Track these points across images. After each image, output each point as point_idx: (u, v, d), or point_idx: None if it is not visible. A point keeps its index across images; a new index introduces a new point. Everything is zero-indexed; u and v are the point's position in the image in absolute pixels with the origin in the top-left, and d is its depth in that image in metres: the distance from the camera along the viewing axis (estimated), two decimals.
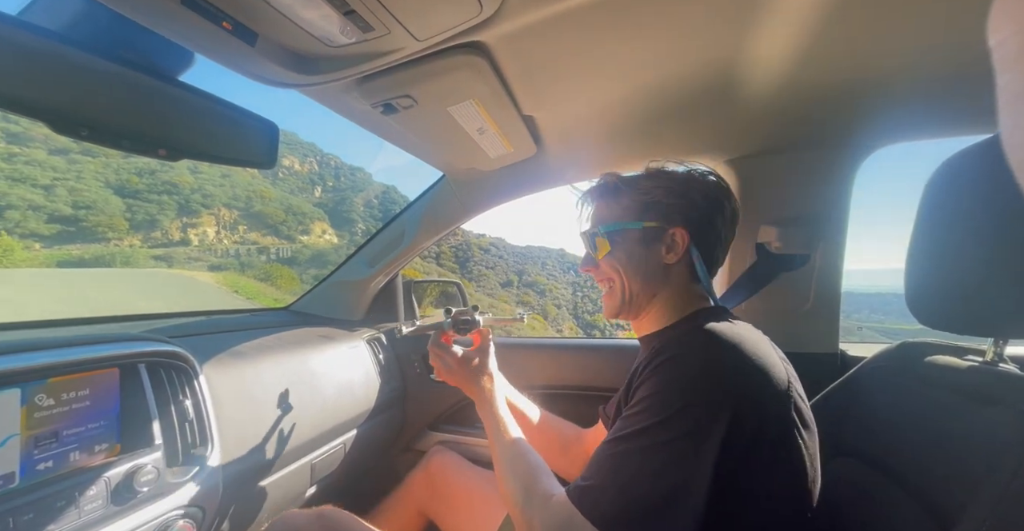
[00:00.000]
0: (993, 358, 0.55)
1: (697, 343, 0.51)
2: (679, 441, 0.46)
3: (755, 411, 0.47)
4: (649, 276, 0.65)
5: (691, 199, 0.64)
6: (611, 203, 0.69)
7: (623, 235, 0.66)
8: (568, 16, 0.55)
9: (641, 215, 0.65)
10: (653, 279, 0.65)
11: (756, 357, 0.49)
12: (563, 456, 0.87)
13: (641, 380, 0.54)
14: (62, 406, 0.57)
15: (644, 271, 0.65)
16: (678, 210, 0.64)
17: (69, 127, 0.40)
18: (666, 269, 0.65)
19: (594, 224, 0.70)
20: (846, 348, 1.01)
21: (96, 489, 0.58)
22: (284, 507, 0.94)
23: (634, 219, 0.65)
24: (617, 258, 0.66)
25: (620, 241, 0.66)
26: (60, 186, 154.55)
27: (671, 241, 0.64)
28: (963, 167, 0.52)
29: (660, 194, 0.64)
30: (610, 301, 0.69)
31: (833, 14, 0.56)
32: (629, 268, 0.65)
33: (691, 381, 0.48)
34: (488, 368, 0.81)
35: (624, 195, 0.67)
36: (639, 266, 0.65)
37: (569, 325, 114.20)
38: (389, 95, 0.67)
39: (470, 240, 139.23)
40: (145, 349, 0.67)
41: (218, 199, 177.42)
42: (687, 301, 0.66)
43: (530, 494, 0.58)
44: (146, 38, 0.45)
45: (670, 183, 0.65)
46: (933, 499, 0.48)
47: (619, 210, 0.67)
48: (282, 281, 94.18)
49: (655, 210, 0.64)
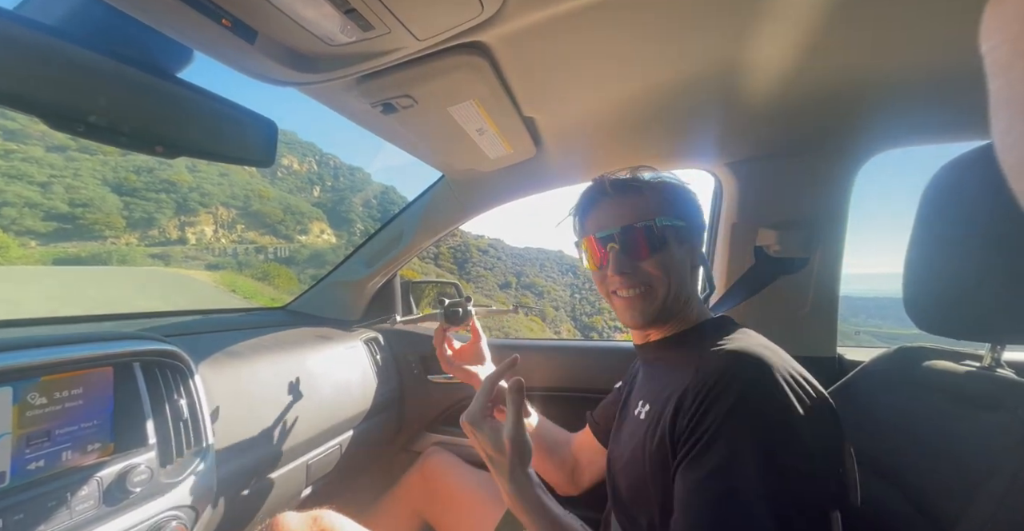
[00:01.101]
0: (990, 363, 0.55)
1: (754, 378, 0.48)
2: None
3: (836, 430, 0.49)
4: (687, 278, 0.63)
5: (696, 204, 0.66)
6: (665, 199, 0.63)
7: (674, 232, 0.62)
8: (569, 18, 0.55)
9: (683, 213, 0.63)
10: (690, 281, 0.64)
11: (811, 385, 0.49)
12: (549, 458, 0.87)
13: (705, 410, 0.48)
14: (55, 405, 0.56)
15: (684, 272, 0.62)
16: (697, 212, 0.65)
17: (65, 123, 0.40)
18: (693, 272, 0.65)
19: (643, 216, 0.62)
20: (844, 352, 1.01)
21: (88, 489, 0.57)
22: (279, 508, 0.93)
23: (678, 216, 0.62)
24: (665, 256, 0.61)
25: (668, 240, 0.61)
26: (57, 183, 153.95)
27: (698, 242, 0.65)
28: (961, 172, 0.52)
29: (683, 194, 0.64)
30: (646, 305, 0.62)
31: (833, 19, 0.56)
32: (675, 268, 0.61)
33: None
34: (485, 357, 0.89)
35: (665, 190, 0.64)
36: (682, 266, 0.62)
37: (567, 327, 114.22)
38: (389, 94, 0.67)
39: (468, 241, 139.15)
40: (140, 348, 0.66)
41: (216, 198, 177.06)
42: (697, 304, 0.65)
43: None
44: (144, 34, 0.45)
45: (679, 187, 0.66)
46: (932, 502, 0.48)
47: (668, 205, 0.62)
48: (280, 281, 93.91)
49: (688, 209, 0.64)
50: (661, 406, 0.55)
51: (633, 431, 0.61)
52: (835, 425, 0.49)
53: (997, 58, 0.13)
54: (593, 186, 0.67)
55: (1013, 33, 0.13)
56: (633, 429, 0.62)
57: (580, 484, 0.88)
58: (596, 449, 0.85)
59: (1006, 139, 0.13)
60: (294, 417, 0.91)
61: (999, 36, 0.13)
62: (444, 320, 0.89)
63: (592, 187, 0.67)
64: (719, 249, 1.10)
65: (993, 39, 0.13)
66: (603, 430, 0.83)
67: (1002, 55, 0.13)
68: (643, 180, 0.64)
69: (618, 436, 0.69)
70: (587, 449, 0.87)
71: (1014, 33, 0.13)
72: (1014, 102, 0.13)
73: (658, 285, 0.61)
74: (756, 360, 0.49)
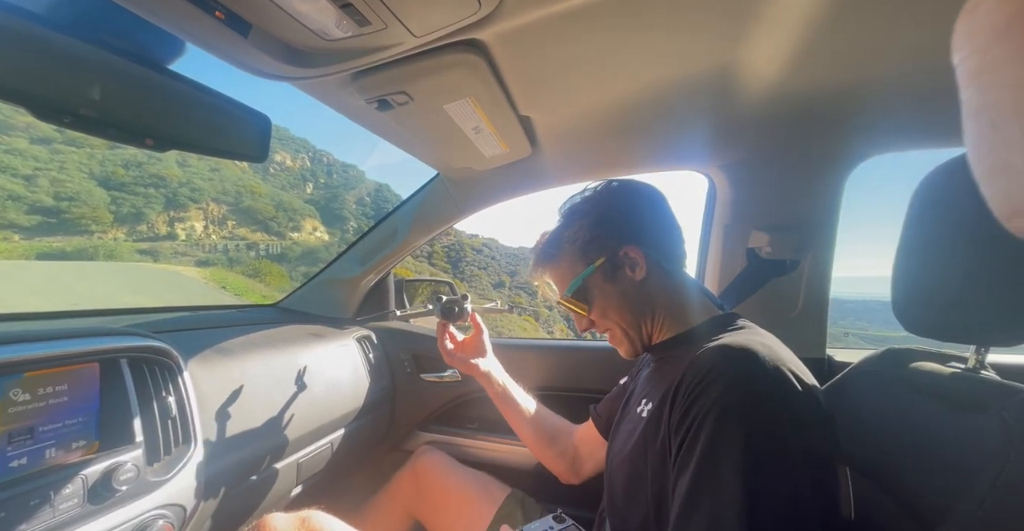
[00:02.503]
0: (975, 365, 0.56)
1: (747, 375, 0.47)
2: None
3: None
4: (636, 303, 0.64)
5: (612, 216, 0.64)
6: (557, 267, 0.69)
7: (587, 286, 0.65)
8: (566, 17, 0.55)
9: (586, 258, 0.65)
10: (641, 303, 0.64)
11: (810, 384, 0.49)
12: (551, 446, 0.89)
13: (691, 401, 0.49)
14: (38, 402, 0.55)
15: (628, 301, 0.64)
16: (610, 233, 0.63)
17: (52, 114, 0.39)
18: (643, 286, 0.63)
19: (559, 292, 0.70)
20: (833, 353, 1.02)
21: (72, 487, 0.56)
22: (269, 507, 0.92)
23: (584, 266, 0.65)
24: (599, 307, 0.65)
25: (589, 292, 0.65)
26: (42, 176, 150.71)
27: (628, 260, 0.63)
28: (949, 177, 0.53)
29: (584, 231, 0.64)
30: (623, 346, 0.67)
31: (826, 24, 0.57)
32: (615, 309, 0.64)
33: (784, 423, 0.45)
34: (486, 350, 0.93)
35: (561, 253, 0.67)
36: (621, 301, 0.64)
37: (560, 327, 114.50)
38: (384, 91, 0.67)
39: (463, 240, 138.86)
40: (127, 344, 0.65)
41: (207, 193, 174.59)
42: (686, 302, 0.64)
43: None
44: (135, 25, 0.44)
45: (584, 216, 0.65)
46: (918, 502, 0.48)
47: (567, 268, 0.67)
48: (271, 278, 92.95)
49: (594, 246, 0.64)
50: (660, 403, 0.56)
51: (633, 428, 0.62)
52: (824, 425, 0.48)
53: (967, 69, 0.14)
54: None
55: (981, 45, 0.13)
56: (633, 426, 0.62)
57: (581, 474, 0.89)
58: (598, 442, 0.86)
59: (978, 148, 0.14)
60: (284, 415, 0.90)
61: (968, 48, 0.13)
62: (440, 315, 0.92)
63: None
64: (712, 250, 1.11)
65: (963, 51, 0.14)
66: (605, 424, 0.84)
67: (971, 66, 0.13)
68: (541, 258, 0.70)
69: (618, 432, 0.70)
70: (588, 441, 0.88)
71: (982, 45, 0.13)
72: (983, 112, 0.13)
73: (615, 327, 0.66)
74: (745, 353, 0.48)
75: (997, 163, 0.13)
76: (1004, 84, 0.12)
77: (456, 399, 1.31)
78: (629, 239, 0.63)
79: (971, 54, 0.13)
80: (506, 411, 0.91)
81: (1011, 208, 0.13)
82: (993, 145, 0.13)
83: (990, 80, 0.13)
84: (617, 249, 0.63)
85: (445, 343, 0.92)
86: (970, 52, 0.13)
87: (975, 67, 0.13)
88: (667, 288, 0.64)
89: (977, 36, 0.13)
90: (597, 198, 0.67)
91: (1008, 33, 0.12)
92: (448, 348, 0.92)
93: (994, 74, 0.13)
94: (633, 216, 0.65)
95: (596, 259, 0.64)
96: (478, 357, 0.91)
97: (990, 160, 0.13)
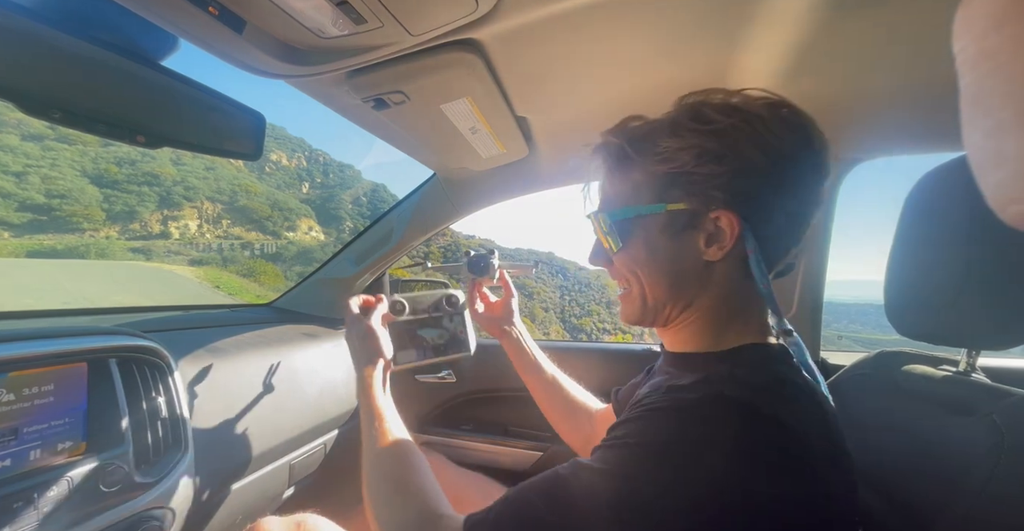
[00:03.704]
0: (966, 368, 0.57)
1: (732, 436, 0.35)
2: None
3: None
4: (680, 278, 0.46)
5: (743, 161, 0.42)
6: (619, 177, 0.49)
7: (639, 223, 0.47)
8: (563, 18, 0.55)
9: (662, 194, 0.45)
10: (686, 282, 0.46)
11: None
12: (567, 420, 0.84)
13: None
14: (23, 402, 0.54)
15: (673, 271, 0.46)
16: (720, 182, 0.42)
17: (41, 109, 0.38)
18: (706, 268, 0.46)
19: (600, 205, 0.52)
20: (827, 356, 1.03)
21: (58, 489, 0.55)
22: (261, 509, 0.91)
23: (652, 200, 0.46)
24: (633, 254, 0.48)
25: (636, 232, 0.48)
26: (33, 173, 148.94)
27: (713, 228, 0.44)
28: (942, 182, 0.54)
29: (689, 158, 0.43)
30: (628, 306, 0.52)
31: (821, 28, 0.57)
32: (651, 268, 0.47)
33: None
34: (514, 313, 0.88)
35: (636, 165, 0.47)
36: (665, 265, 0.47)
37: (556, 328, 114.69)
38: (381, 90, 0.66)
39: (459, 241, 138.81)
40: (116, 343, 0.64)
41: (201, 192, 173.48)
42: (734, 316, 0.47)
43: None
44: (127, 20, 0.43)
45: (706, 138, 0.43)
46: (909, 504, 0.49)
47: (631, 185, 0.48)
48: (265, 277, 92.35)
49: (683, 184, 0.44)
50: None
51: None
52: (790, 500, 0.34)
53: (966, 57, 0.14)
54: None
55: (979, 32, 0.13)
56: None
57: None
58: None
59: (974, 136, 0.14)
60: (277, 416, 0.90)
61: (967, 36, 0.14)
62: (469, 269, 0.90)
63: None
64: None
65: (963, 39, 0.14)
66: (621, 409, 0.83)
67: (970, 54, 0.13)
68: (610, 151, 0.50)
69: None
70: (606, 423, 0.86)
71: (980, 32, 0.13)
72: (980, 99, 0.13)
73: (635, 286, 0.50)
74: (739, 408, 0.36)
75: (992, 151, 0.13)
76: (1001, 71, 0.12)
77: (451, 400, 1.30)
78: (740, 206, 0.43)
79: (970, 42, 0.13)
80: (528, 380, 0.88)
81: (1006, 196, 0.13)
82: (988, 132, 0.13)
83: (988, 67, 0.13)
84: (712, 207, 0.43)
85: (476, 303, 0.88)
86: (969, 40, 0.13)
87: (974, 55, 0.13)
88: (731, 288, 0.46)
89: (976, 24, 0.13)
90: (748, 126, 0.42)
91: (1006, 20, 0.12)
92: (479, 309, 0.88)
93: (992, 61, 0.13)
94: (775, 180, 0.42)
95: (675, 201, 0.45)
96: (507, 321, 0.88)
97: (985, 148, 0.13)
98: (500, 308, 0.90)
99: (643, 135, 0.48)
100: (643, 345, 1.19)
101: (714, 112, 0.43)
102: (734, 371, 0.41)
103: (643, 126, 0.49)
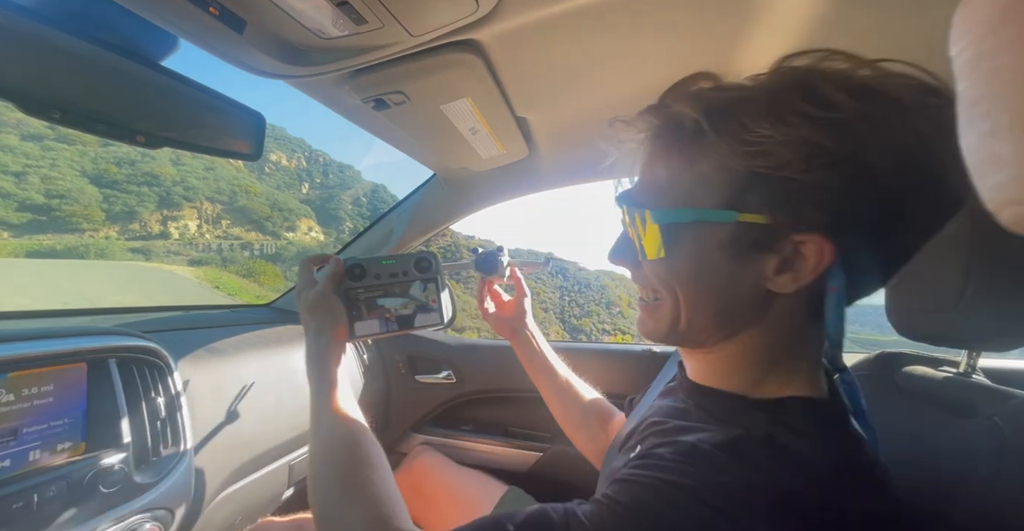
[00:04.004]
0: (967, 369, 0.57)
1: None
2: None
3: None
4: (730, 305, 0.36)
5: (865, 171, 0.30)
6: (679, 162, 0.36)
7: (693, 230, 0.35)
8: (564, 18, 0.55)
9: (737, 198, 0.33)
10: (736, 311, 0.36)
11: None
12: (580, 430, 0.77)
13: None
14: (22, 402, 0.54)
15: (723, 296, 0.36)
16: (825, 197, 0.31)
17: (40, 109, 0.38)
18: (766, 298, 0.35)
19: (641, 194, 0.39)
20: None
21: (57, 490, 0.55)
22: (260, 509, 0.91)
23: (720, 204, 0.33)
24: (675, 267, 0.37)
25: (685, 239, 0.36)
26: (32, 173, 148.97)
27: (792, 254, 0.33)
28: None
29: (793, 157, 0.30)
30: (652, 321, 0.41)
31: (822, 29, 0.57)
32: (695, 288, 0.37)
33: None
34: (526, 313, 0.82)
35: (709, 151, 0.34)
36: (715, 288, 0.36)
37: (555, 329, 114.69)
38: (381, 90, 0.66)
39: (459, 241, 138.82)
40: (115, 343, 0.64)
41: (201, 192, 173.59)
42: (783, 359, 0.38)
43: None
44: (127, 19, 0.43)
45: (822, 130, 0.30)
46: (908, 505, 0.49)
47: (692, 179, 0.35)
48: (265, 278, 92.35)
49: (771, 191, 0.32)
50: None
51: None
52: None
53: (964, 60, 0.14)
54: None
55: (977, 36, 0.13)
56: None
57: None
58: None
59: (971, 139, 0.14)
60: (277, 417, 0.89)
61: (965, 39, 0.14)
62: (476, 267, 0.85)
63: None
64: None
65: (960, 42, 0.14)
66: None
67: (968, 57, 0.13)
68: (674, 121, 0.36)
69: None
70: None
71: (978, 36, 0.13)
72: (977, 102, 0.13)
73: (666, 302, 0.39)
74: (786, 495, 0.29)
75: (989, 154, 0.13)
76: (999, 74, 0.12)
77: (451, 400, 1.30)
78: (840, 232, 0.31)
79: (968, 45, 0.13)
80: (540, 384, 0.82)
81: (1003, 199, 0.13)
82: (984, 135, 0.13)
83: (986, 70, 0.13)
84: (801, 228, 0.32)
85: (485, 302, 0.84)
86: (967, 43, 0.13)
87: (972, 57, 0.13)
88: (791, 326, 0.37)
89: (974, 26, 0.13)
90: (884, 121, 0.29)
91: (1004, 22, 0.12)
92: (489, 308, 0.84)
93: (990, 64, 0.13)
94: (901, 204, 0.31)
95: (752, 211, 0.32)
96: (518, 321, 0.82)
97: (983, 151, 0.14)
98: (512, 308, 0.85)
99: (726, 110, 0.33)
100: (642, 346, 1.19)
101: (838, 92, 0.29)
102: (784, 441, 0.31)
103: (725, 95, 0.35)
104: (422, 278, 0.66)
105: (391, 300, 0.64)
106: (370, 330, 0.62)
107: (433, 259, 0.66)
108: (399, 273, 0.64)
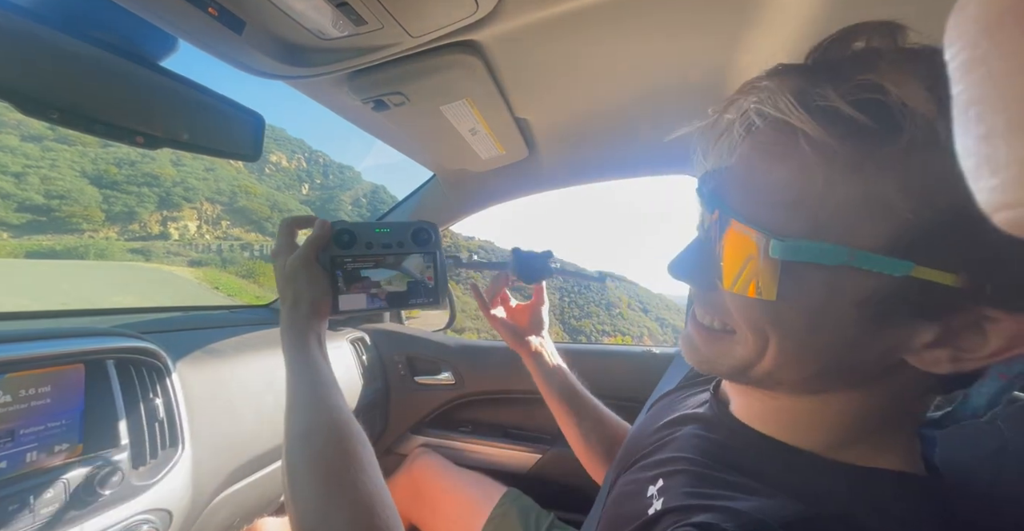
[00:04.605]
0: None
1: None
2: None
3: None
4: (845, 367, 0.28)
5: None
6: (852, 170, 0.24)
7: (828, 274, 0.26)
8: (564, 19, 0.55)
9: (919, 243, 0.23)
10: (848, 373, 0.29)
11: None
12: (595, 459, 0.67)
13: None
14: (20, 403, 0.54)
15: (837, 359, 0.28)
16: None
17: (39, 109, 0.38)
18: (895, 368, 0.27)
19: (752, 204, 0.28)
20: None
21: (54, 491, 0.54)
22: (258, 511, 0.91)
23: (889, 250, 0.24)
24: (783, 314, 0.27)
25: (812, 282, 0.26)
26: (32, 174, 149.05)
27: (967, 329, 0.24)
28: None
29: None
30: (709, 351, 0.33)
31: (821, 29, 0.57)
32: (804, 343, 0.28)
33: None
34: (543, 324, 0.72)
35: (914, 160, 0.23)
36: (835, 348, 0.28)
37: (555, 329, 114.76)
38: (380, 91, 0.66)
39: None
40: (113, 344, 0.64)
41: (201, 193, 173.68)
42: (885, 427, 0.31)
43: None
44: (126, 20, 0.43)
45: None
46: None
47: (851, 204, 0.24)
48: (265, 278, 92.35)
49: (975, 242, 0.22)
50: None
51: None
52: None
53: (958, 64, 0.14)
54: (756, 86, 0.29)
55: (972, 38, 0.13)
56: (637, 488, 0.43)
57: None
58: None
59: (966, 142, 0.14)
60: (276, 418, 0.89)
61: (960, 42, 0.13)
62: (513, 271, 0.72)
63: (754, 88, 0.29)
64: None
65: (955, 46, 0.14)
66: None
67: (962, 60, 0.13)
68: (799, 105, 0.25)
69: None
70: None
71: (973, 38, 0.13)
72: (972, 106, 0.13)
73: (750, 335, 0.29)
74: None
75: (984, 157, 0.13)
76: (993, 77, 0.12)
77: (451, 402, 1.30)
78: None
79: (962, 48, 0.13)
80: (553, 407, 0.70)
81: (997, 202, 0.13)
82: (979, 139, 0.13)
83: (980, 74, 0.13)
84: (999, 304, 0.23)
85: (485, 301, 0.72)
86: (961, 47, 0.13)
87: (966, 61, 0.13)
88: (911, 396, 0.30)
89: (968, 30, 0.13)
90: None
91: (999, 26, 0.12)
92: (497, 315, 0.71)
93: (984, 68, 0.13)
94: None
95: (937, 266, 0.23)
96: (531, 332, 0.71)
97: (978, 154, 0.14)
98: (527, 316, 0.72)
99: (886, 111, 0.23)
100: (642, 347, 1.19)
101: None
102: (863, 522, 0.25)
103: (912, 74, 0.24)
104: (419, 251, 0.57)
105: (382, 272, 0.55)
106: (355, 305, 0.55)
107: (433, 231, 0.58)
108: (393, 244, 0.56)
